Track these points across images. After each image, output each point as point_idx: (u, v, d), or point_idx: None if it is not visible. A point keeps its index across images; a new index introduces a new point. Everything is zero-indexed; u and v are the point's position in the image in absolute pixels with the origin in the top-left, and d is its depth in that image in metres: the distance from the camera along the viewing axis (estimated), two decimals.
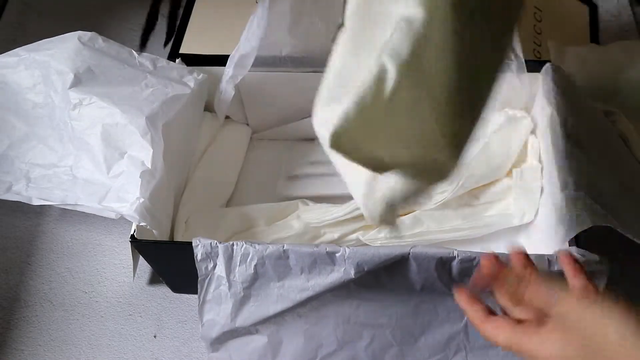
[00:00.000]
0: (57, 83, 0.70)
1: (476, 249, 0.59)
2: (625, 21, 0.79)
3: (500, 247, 0.68)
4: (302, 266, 0.58)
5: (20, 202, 0.69)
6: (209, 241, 0.59)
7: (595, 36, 0.86)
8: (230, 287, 0.60)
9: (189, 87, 0.74)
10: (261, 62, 0.73)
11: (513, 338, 0.44)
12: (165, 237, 0.68)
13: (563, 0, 0.91)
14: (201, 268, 0.61)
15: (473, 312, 0.47)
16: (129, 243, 0.64)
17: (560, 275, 0.46)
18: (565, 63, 0.80)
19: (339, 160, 0.42)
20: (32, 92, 0.72)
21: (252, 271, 0.59)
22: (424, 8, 0.35)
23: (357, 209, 0.67)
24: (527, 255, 0.48)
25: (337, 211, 0.70)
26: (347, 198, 0.68)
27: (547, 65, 0.71)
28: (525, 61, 0.70)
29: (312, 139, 0.81)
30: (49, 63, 0.71)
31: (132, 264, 0.67)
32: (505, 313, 0.47)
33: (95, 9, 1.00)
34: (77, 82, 0.70)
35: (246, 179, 0.80)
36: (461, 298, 0.48)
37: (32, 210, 0.71)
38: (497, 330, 0.45)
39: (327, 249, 0.57)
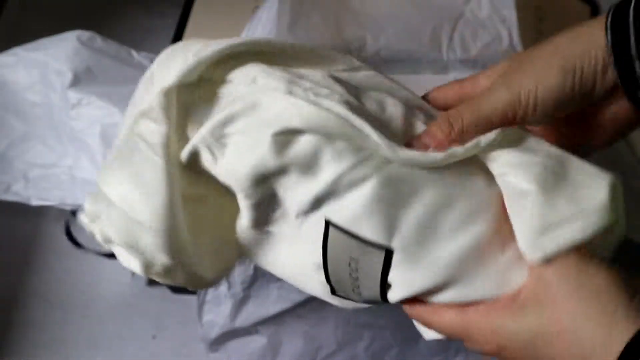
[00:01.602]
0: (56, 82, 0.70)
1: None
2: None
3: None
4: None
5: (18, 202, 0.69)
6: None
7: None
8: (229, 287, 0.60)
9: None
10: None
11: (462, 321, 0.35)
12: None
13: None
14: None
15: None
16: None
17: None
18: None
19: None
20: (30, 91, 0.72)
21: (252, 271, 0.59)
22: None
23: None
24: None
25: None
26: None
27: None
28: None
29: None
30: (48, 62, 0.70)
31: None
32: None
33: (95, 8, 1.00)
34: (76, 82, 0.69)
35: None
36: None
37: (30, 210, 0.71)
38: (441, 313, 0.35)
39: None
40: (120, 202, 0.36)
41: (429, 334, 0.39)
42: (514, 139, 0.34)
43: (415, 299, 0.36)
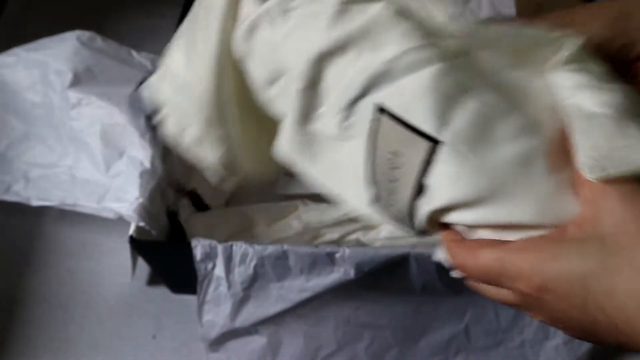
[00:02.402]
0: (56, 83, 0.70)
1: None
2: None
3: None
4: (301, 267, 0.58)
5: (18, 202, 0.69)
6: (208, 241, 0.59)
7: None
8: (229, 287, 0.60)
9: None
10: None
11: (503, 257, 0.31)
12: (164, 238, 0.68)
13: None
14: (200, 268, 0.60)
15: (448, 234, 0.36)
16: (128, 243, 0.64)
17: None
18: None
19: None
20: (30, 91, 0.72)
21: (252, 271, 0.59)
22: None
23: None
24: None
25: (337, 211, 0.69)
26: None
27: None
28: None
29: None
30: (48, 62, 0.71)
31: (130, 264, 0.67)
32: None
33: (95, 8, 1.00)
34: (76, 82, 0.69)
35: None
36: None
37: (30, 210, 0.71)
38: (480, 250, 0.33)
39: (327, 250, 0.57)
40: (171, 64, 0.38)
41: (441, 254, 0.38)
42: (588, 66, 0.33)
43: (447, 228, 0.35)
